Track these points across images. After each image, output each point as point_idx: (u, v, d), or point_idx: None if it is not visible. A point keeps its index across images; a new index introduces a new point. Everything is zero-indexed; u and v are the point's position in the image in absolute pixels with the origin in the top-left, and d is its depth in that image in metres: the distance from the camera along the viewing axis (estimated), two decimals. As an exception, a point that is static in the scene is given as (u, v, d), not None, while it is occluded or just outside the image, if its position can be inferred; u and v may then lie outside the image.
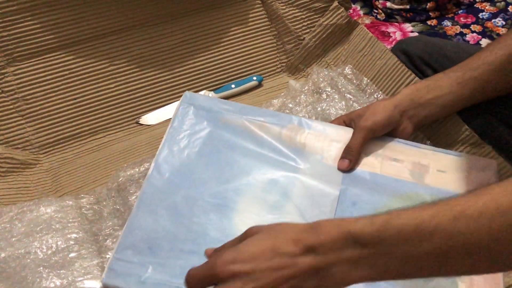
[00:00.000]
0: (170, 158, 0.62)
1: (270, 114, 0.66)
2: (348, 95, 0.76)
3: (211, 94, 0.82)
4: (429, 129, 0.70)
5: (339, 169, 0.61)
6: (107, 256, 0.59)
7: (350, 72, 0.79)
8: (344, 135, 0.63)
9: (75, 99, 0.76)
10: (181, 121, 0.65)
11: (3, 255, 0.58)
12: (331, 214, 0.57)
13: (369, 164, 0.62)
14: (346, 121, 0.65)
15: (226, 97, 0.82)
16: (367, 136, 0.61)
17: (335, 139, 0.63)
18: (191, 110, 0.66)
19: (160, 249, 0.55)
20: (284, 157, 0.62)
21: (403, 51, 0.76)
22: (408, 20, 1.36)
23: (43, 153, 0.75)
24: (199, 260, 0.53)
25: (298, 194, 0.59)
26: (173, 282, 0.52)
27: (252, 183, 0.60)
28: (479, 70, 0.61)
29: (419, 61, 0.75)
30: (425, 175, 0.60)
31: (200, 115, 0.65)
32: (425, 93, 0.63)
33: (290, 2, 0.84)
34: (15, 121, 0.73)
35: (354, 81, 0.79)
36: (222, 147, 0.63)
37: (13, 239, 0.59)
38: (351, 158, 0.61)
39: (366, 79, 0.78)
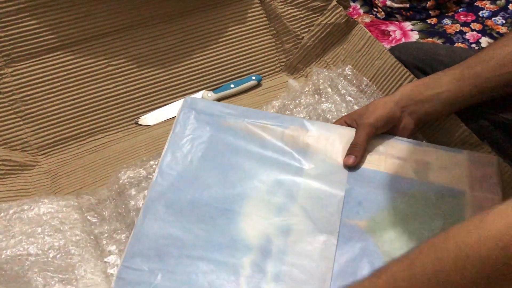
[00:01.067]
0: (173, 164, 0.61)
1: (271, 116, 0.66)
2: (349, 97, 0.76)
3: (210, 94, 0.82)
4: (428, 130, 0.69)
5: (345, 165, 0.61)
6: (110, 260, 0.59)
7: (350, 73, 0.79)
8: (347, 134, 0.63)
9: (73, 99, 0.76)
10: (183, 126, 0.64)
11: (3, 255, 0.57)
12: (337, 214, 0.57)
13: (373, 163, 0.61)
14: (347, 121, 0.65)
15: (225, 97, 0.82)
16: (371, 132, 0.61)
17: (337, 139, 0.63)
18: (193, 115, 0.65)
19: (168, 256, 0.55)
20: (288, 158, 0.62)
21: (396, 58, 0.76)
22: (408, 19, 1.35)
23: (42, 155, 0.75)
24: (207, 266, 0.54)
25: (303, 195, 0.59)
26: None
27: (257, 186, 0.60)
28: (478, 68, 0.61)
29: (413, 67, 0.75)
30: (428, 172, 0.60)
31: (201, 119, 0.65)
32: (424, 90, 0.63)
33: (288, 1, 0.84)
34: (13, 123, 0.73)
35: (354, 81, 0.78)
36: (225, 151, 0.62)
37: (13, 240, 0.58)
38: (356, 154, 0.61)
39: (366, 79, 0.78)
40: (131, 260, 0.54)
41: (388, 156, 0.62)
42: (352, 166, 0.61)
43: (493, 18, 1.35)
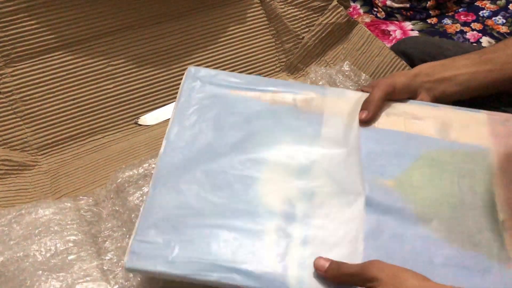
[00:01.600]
0: (182, 133, 0.58)
1: (281, 84, 0.63)
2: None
3: (210, 94, 0.82)
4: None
5: (359, 120, 0.59)
6: (107, 257, 0.59)
7: (348, 69, 0.79)
8: (362, 97, 0.61)
9: (73, 100, 0.76)
10: (188, 96, 0.61)
11: (1, 258, 0.57)
12: (360, 175, 0.55)
13: (393, 123, 0.60)
14: (365, 90, 0.65)
15: (225, 97, 0.82)
16: (387, 90, 0.60)
17: (352, 102, 0.61)
18: (198, 84, 0.62)
19: (185, 227, 0.52)
20: (303, 123, 0.59)
21: (402, 52, 0.76)
22: (408, 19, 1.35)
23: (42, 155, 0.75)
24: (229, 234, 0.51)
25: (323, 159, 0.56)
26: (204, 259, 0.49)
27: (274, 151, 0.57)
28: (494, 54, 0.62)
29: (419, 61, 0.75)
30: (449, 131, 0.59)
31: (207, 89, 0.62)
32: (441, 70, 0.63)
33: (288, 1, 0.84)
34: (13, 123, 0.73)
35: (353, 77, 0.78)
36: (236, 120, 0.60)
37: (12, 242, 0.59)
38: (369, 109, 0.59)
39: (364, 74, 0.78)
40: (144, 233, 0.51)
41: (407, 117, 0.60)
42: (365, 121, 0.59)
43: (493, 18, 1.35)
